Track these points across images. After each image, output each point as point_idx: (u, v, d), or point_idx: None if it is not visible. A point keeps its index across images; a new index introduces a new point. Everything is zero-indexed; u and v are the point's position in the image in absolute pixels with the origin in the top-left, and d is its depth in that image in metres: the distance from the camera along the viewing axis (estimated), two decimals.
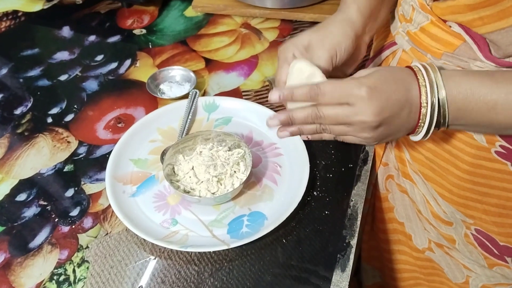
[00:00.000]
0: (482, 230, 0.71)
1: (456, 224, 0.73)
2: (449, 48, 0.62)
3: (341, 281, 0.65)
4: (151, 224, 0.71)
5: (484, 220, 0.70)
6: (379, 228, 0.89)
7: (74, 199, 0.76)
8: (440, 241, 0.78)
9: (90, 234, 0.71)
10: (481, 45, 0.58)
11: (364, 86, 0.55)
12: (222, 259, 0.68)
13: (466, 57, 0.60)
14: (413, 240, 0.84)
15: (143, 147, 0.81)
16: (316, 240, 0.69)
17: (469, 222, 0.71)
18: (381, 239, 0.90)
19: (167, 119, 0.85)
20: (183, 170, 0.74)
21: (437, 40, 0.63)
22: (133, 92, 0.93)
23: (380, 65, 0.76)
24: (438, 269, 0.83)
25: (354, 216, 0.72)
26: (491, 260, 0.73)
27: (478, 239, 0.72)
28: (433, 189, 0.73)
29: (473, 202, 0.69)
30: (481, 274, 0.76)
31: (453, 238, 0.75)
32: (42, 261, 0.69)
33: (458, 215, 0.72)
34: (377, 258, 0.93)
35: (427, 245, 0.81)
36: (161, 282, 0.66)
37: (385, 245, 0.89)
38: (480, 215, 0.69)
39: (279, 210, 0.71)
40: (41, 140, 0.85)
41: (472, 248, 0.74)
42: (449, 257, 0.79)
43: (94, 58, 1.02)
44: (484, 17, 0.56)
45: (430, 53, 0.64)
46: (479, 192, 0.68)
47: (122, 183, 0.75)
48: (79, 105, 0.91)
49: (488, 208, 0.68)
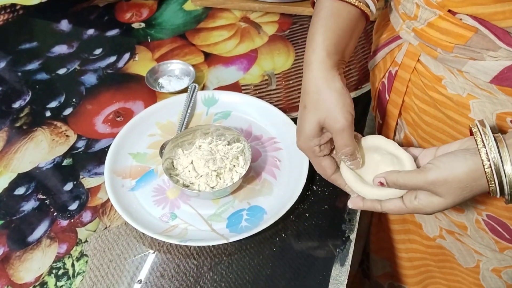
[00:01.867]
0: (493, 215, 0.70)
1: (468, 211, 0.73)
2: (461, 40, 0.60)
3: (340, 275, 0.65)
4: (150, 218, 0.71)
5: (496, 206, 0.69)
6: (388, 219, 0.89)
7: (73, 193, 0.76)
8: (452, 228, 0.78)
9: (89, 228, 0.71)
10: (499, 34, 0.57)
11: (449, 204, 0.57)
12: (221, 253, 0.68)
13: (479, 48, 0.59)
14: (423, 229, 0.83)
15: (142, 141, 0.81)
16: (315, 234, 0.69)
17: (480, 208, 0.71)
18: (390, 229, 0.90)
19: (166, 113, 0.85)
20: (182, 164, 0.74)
21: (448, 33, 0.61)
22: (132, 86, 0.93)
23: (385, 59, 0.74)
24: (449, 255, 0.83)
25: (354, 210, 0.72)
26: (502, 244, 0.73)
27: (490, 225, 0.72)
28: None
29: None
30: (492, 258, 0.76)
31: (465, 225, 0.75)
32: (41, 255, 0.69)
33: (469, 201, 0.71)
34: (387, 249, 0.93)
35: (438, 233, 0.81)
36: (160, 276, 0.65)
37: (395, 235, 0.89)
38: (492, 200, 0.69)
39: (278, 205, 0.71)
40: (40, 134, 0.85)
41: (483, 234, 0.73)
42: (460, 243, 0.79)
43: (92, 52, 1.01)
44: (507, 11, 0.55)
45: (440, 47, 0.62)
46: None
47: (121, 177, 0.75)
48: (77, 99, 0.91)
49: None
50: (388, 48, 0.73)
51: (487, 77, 0.60)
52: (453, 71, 0.63)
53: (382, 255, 0.97)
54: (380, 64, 0.76)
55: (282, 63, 0.98)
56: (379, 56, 0.75)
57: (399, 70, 0.70)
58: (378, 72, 0.77)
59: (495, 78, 0.59)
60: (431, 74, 0.66)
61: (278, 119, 0.82)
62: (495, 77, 0.59)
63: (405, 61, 0.69)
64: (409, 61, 0.69)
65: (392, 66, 0.72)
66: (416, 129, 0.73)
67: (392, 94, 0.73)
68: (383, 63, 0.75)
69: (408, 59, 0.69)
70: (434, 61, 0.65)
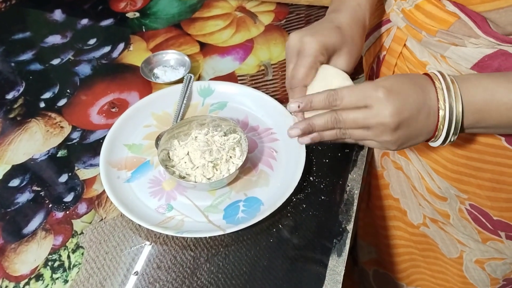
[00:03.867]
0: (476, 205, 0.71)
1: (451, 199, 0.74)
2: (444, 25, 0.62)
3: (337, 266, 0.65)
4: (146, 209, 0.70)
5: (478, 195, 0.70)
6: (375, 205, 0.89)
7: (68, 184, 0.75)
8: (435, 217, 0.79)
9: (85, 220, 0.71)
10: (479, 22, 0.58)
11: (380, 87, 0.55)
12: (218, 244, 0.68)
13: (461, 34, 0.60)
14: (408, 216, 0.84)
15: (138, 132, 0.80)
16: (312, 225, 0.69)
17: (463, 197, 0.72)
18: (377, 215, 0.90)
19: (162, 104, 0.84)
20: (178, 155, 0.74)
21: (432, 17, 0.63)
22: (127, 76, 0.92)
23: (375, 44, 0.76)
24: (432, 245, 0.84)
25: (350, 201, 0.72)
26: (485, 234, 0.74)
27: (472, 214, 0.73)
28: (427, 165, 0.73)
29: (467, 177, 0.69)
30: (475, 249, 0.77)
31: (448, 213, 0.76)
32: (36, 247, 0.68)
33: (452, 190, 0.72)
34: (373, 235, 0.94)
35: (422, 221, 0.82)
36: (157, 267, 0.65)
37: (381, 221, 0.90)
38: (474, 189, 0.70)
39: (275, 196, 0.71)
40: (34, 125, 0.84)
41: (466, 223, 0.74)
42: (444, 232, 0.80)
43: (86, 42, 1.00)
44: None
45: (425, 30, 0.64)
46: (473, 167, 0.68)
47: (116, 169, 0.75)
48: (72, 89, 0.90)
49: (482, 183, 0.69)
50: (377, 33, 0.74)
51: (468, 64, 0.61)
52: (436, 56, 0.64)
53: (368, 241, 0.98)
54: (371, 49, 0.77)
55: (278, 53, 0.97)
56: (370, 41, 0.76)
57: (387, 55, 0.72)
58: (369, 57, 0.78)
59: (475, 65, 0.60)
60: (416, 59, 0.67)
61: (275, 109, 0.82)
62: (476, 64, 0.60)
63: (392, 46, 0.71)
64: (396, 46, 0.70)
65: (381, 51, 0.73)
66: None
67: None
68: (373, 48, 0.76)
69: (395, 44, 0.70)
70: (419, 46, 0.66)
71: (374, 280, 1.01)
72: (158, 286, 0.63)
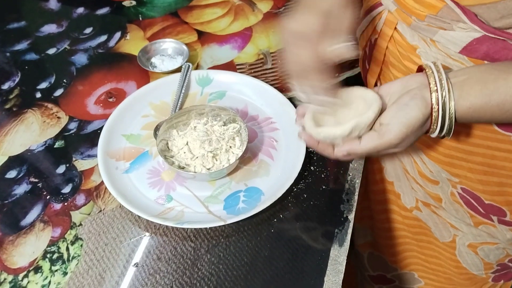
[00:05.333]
0: (467, 188, 0.71)
1: (442, 183, 0.74)
2: (432, 10, 0.61)
3: (339, 256, 0.64)
4: (145, 200, 0.69)
5: (470, 179, 0.70)
6: (371, 190, 0.90)
7: (66, 175, 0.74)
8: (427, 200, 0.79)
9: (83, 211, 0.70)
10: (465, 9, 0.58)
11: (391, 149, 0.57)
12: (218, 235, 0.67)
13: (449, 19, 0.60)
14: (401, 199, 0.84)
15: (136, 122, 0.79)
16: (313, 215, 0.69)
17: (454, 181, 0.72)
18: (372, 200, 0.91)
19: (160, 94, 0.83)
20: (177, 145, 0.73)
21: (420, 2, 0.62)
22: (124, 65, 0.91)
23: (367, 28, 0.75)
24: (425, 228, 0.84)
25: (352, 191, 0.71)
26: (477, 218, 0.74)
27: (464, 198, 0.73)
28: (419, 149, 0.73)
29: (458, 161, 0.69)
30: (468, 233, 0.77)
31: (440, 197, 0.76)
32: (34, 239, 0.67)
33: (444, 173, 0.72)
34: (369, 218, 0.95)
35: (415, 204, 0.82)
36: (157, 259, 0.65)
37: (376, 205, 0.91)
38: (466, 173, 0.70)
39: (276, 185, 0.70)
40: (30, 115, 0.83)
41: (458, 207, 0.75)
42: (436, 216, 0.80)
43: (82, 31, 0.99)
44: None
45: (414, 15, 0.63)
46: (464, 151, 0.68)
47: (114, 159, 0.74)
48: (68, 79, 0.89)
49: (473, 167, 0.69)
50: (370, 16, 0.74)
51: (457, 48, 0.60)
52: (426, 40, 0.64)
53: (364, 224, 0.98)
54: (364, 32, 0.77)
55: (277, 42, 0.95)
56: (363, 24, 0.76)
57: (378, 39, 0.72)
58: (362, 41, 0.78)
59: (464, 49, 0.60)
60: (406, 43, 0.67)
61: (275, 98, 0.81)
62: (464, 48, 0.60)
63: (384, 30, 0.70)
64: (387, 30, 0.70)
65: (373, 34, 0.73)
66: None
67: (372, 63, 0.74)
68: (366, 32, 0.76)
69: (386, 27, 0.70)
70: (410, 30, 0.66)
71: (369, 263, 1.02)
72: (158, 277, 0.63)
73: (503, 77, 0.53)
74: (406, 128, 0.55)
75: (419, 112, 0.55)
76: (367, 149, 0.57)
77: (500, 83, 0.53)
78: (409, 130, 0.55)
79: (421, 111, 0.55)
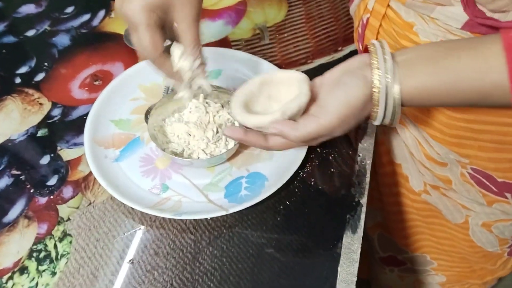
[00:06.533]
0: (478, 168, 0.69)
1: (451, 165, 0.71)
2: None
3: (352, 243, 0.60)
4: (139, 191, 0.65)
5: (480, 158, 0.67)
6: (378, 172, 0.88)
7: (51, 166, 0.70)
8: (436, 183, 0.77)
9: (71, 205, 0.65)
10: None
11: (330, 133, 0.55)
12: (220, 225, 0.62)
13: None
14: (409, 182, 0.82)
15: (125, 107, 0.75)
16: (322, 200, 0.64)
17: (464, 162, 0.69)
18: (380, 182, 0.89)
19: (150, 75, 0.77)
20: (172, 130, 0.68)
21: None
22: (109, 45, 0.86)
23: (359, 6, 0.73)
24: (436, 211, 0.83)
25: (363, 173, 0.66)
26: (490, 197, 0.72)
27: (475, 178, 0.70)
28: (424, 131, 0.71)
29: (467, 140, 0.67)
30: (480, 212, 0.76)
31: (449, 179, 0.74)
32: (18, 237, 0.63)
33: (452, 155, 0.69)
34: (378, 199, 0.92)
35: (423, 188, 0.80)
36: (154, 254, 0.60)
37: (385, 188, 0.89)
38: (476, 152, 0.67)
39: (280, 170, 0.65)
40: (10, 103, 0.78)
41: (469, 187, 0.72)
42: (446, 198, 0.78)
43: (63, 10, 0.94)
44: None
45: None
46: (473, 130, 0.65)
47: (103, 147, 0.69)
48: (50, 62, 0.84)
49: (484, 145, 0.66)
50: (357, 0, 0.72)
51: (458, 23, 0.57)
52: (423, 17, 0.61)
53: (373, 206, 0.96)
54: (356, 12, 0.74)
55: (274, 15, 0.90)
56: (355, 4, 0.73)
57: (370, 18, 0.69)
58: (355, 20, 0.76)
59: (466, 24, 0.57)
60: (402, 20, 0.64)
61: None
62: (466, 23, 0.56)
63: (376, 7, 0.68)
64: (379, 7, 0.67)
65: (364, 13, 0.70)
66: None
67: (365, 43, 0.71)
68: (358, 11, 0.73)
69: (378, 5, 0.67)
70: (404, 8, 0.63)
71: (379, 244, 1.00)
72: (156, 274, 0.58)
73: (454, 54, 0.50)
74: (345, 109, 0.52)
75: (359, 91, 0.52)
76: (303, 133, 0.54)
77: (451, 61, 0.50)
78: (349, 111, 0.52)
79: (361, 90, 0.52)
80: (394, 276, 1.03)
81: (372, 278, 1.12)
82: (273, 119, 0.54)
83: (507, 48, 0.47)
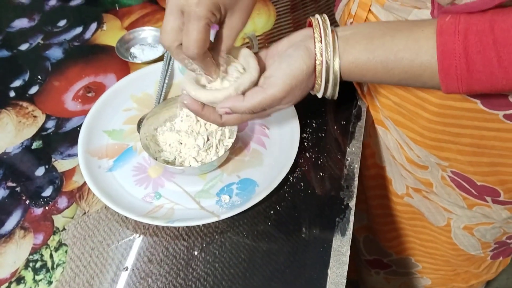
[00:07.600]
0: (458, 171, 0.69)
1: (432, 168, 0.72)
2: None
3: (342, 246, 0.61)
4: (132, 199, 0.65)
5: (459, 161, 0.68)
6: (364, 175, 0.88)
7: (46, 178, 0.70)
8: (418, 186, 0.77)
9: (66, 215, 0.66)
10: None
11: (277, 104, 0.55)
12: (212, 231, 0.63)
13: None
14: (392, 185, 0.83)
15: (117, 117, 0.75)
16: (312, 204, 0.65)
17: (444, 165, 0.70)
18: (365, 185, 0.89)
19: (141, 85, 0.79)
20: (163, 139, 0.69)
21: None
22: (102, 58, 0.87)
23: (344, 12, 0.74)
24: (419, 214, 0.83)
25: (351, 176, 0.67)
26: (471, 200, 0.72)
27: (455, 181, 0.71)
28: (404, 135, 0.71)
29: (446, 144, 0.67)
30: (462, 215, 0.76)
31: (430, 182, 0.74)
32: (15, 247, 0.63)
33: (432, 158, 0.70)
34: (364, 201, 0.93)
35: (405, 191, 0.81)
36: (148, 261, 0.61)
37: (370, 191, 0.89)
38: (455, 156, 0.68)
39: (271, 175, 0.66)
40: (4, 116, 0.78)
41: (450, 190, 0.73)
42: (428, 201, 0.79)
43: (56, 24, 0.95)
44: None
45: None
46: (451, 133, 0.66)
47: (97, 157, 0.69)
48: (43, 75, 0.85)
49: (462, 148, 0.66)
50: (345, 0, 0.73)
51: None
52: (401, 20, 0.62)
53: (359, 207, 0.96)
54: (341, 17, 0.76)
55: (263, 24, 0.92)
56: (340, 9, 0.75)
57: (354, 22, 0.71)
58: (341, 25, 0.76)
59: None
60: None
61: None
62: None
63: (358, 12, 0.69)
64: (361, 12, 0.68)
65: (348, 18, 0.72)
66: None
67: None
68: (343, 16, 0.74)
69: (360, 10, 0.69)
70: (384, 11, 0.65)
71: (365, 247, 1.01)
72: (151, 281, 0.59)
73: (390, 34, 0.52)
74: (290, 80, 0.53)
75: (303, 62, 0.53)
76: (251, 104, 0.54)
77: (386, 39, 0.51)
78: (294, 82, 0.54)
79: (304, 61, 0.54)
80: (380, 279, 1.03)
81: (359, 279, 1.12)
82: (227, 94, 0.55)
83: (439, 32, 0.48)
